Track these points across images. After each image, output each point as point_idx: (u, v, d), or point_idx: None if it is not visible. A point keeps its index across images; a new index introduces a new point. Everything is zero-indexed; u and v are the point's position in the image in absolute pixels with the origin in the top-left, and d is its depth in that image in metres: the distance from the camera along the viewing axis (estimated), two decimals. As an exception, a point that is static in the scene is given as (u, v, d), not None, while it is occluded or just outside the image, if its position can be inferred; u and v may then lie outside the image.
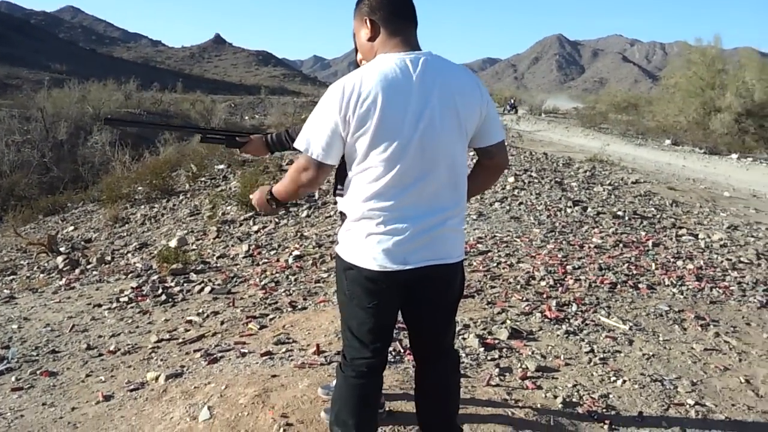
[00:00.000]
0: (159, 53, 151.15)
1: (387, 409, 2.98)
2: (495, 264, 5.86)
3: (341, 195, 2.75)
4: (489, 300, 4.90)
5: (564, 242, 6.73)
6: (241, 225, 8.97)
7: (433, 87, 2.15)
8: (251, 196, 2.51)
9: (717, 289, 5.43)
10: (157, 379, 3.78)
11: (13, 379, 4.13)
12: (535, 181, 10.37)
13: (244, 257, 6.79)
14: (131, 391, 3.68)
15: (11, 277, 8.18)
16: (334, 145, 2.15)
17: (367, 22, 2.24)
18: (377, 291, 2.23)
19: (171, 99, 41.68)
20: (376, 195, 2.17)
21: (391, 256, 2.18)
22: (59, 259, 8.47)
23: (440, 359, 2.46)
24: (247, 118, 36.83)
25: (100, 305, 5.50)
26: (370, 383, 2.37)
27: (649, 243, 6.87)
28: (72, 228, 11.54)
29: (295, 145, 2.22)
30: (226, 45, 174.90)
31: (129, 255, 8.35)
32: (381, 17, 2.22)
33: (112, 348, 4.48)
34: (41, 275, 7.87)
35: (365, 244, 2.20)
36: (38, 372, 4.20)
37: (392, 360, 3.74)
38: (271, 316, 4.80)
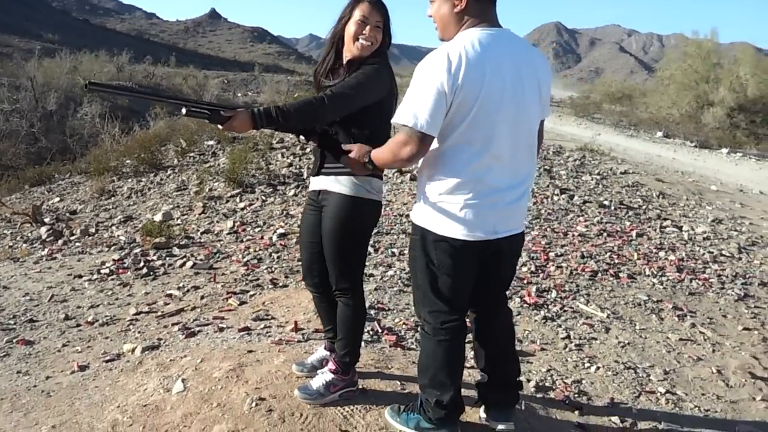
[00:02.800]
0: (153, 26, 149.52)
1: (360, 387, 2.99)
2: (478, 248, 5.87)
3: (332, 173, 2.75)
4: (470, 284, 4.92)
5: (548, 229, 6.75)
6: (227, 202, 8.93)
7: (521, 63, 2.28)
8: (351, 149, 2.54)
9: (697, 280, 5.47)
10: (133, 351, 3.78)
11: (-11, 346, 4.12)
12: (524, 167, 10.36)
13: (228, 234, 6.77)
14: (107, 362, 3.69)
15: (-6, 245, 8.12)
16: (438, 115, 2.18)
17: None
18: (467, 259, 2.38)
19: (164, 73, 41.23)
20: (475, 168, 2.26)
21: (485, 227, 2.32)
22: (43, 229, 8.42)
23: (503, 308, 2.70)
24: (240, 94, 36.61)
25: (80, 276, 5.48)
26: (462, 340, 2.55)
27: (633, 233, 6.90)
28: (58, 199, 11.46)
29: (397, 119, 2.23)
30: (221, 20, 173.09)
31: (113, 228, 8.31)
32: None
33: (90, 319, 4.47)
34: (24, 245, 7.82)
35: (460, 216, 2.30)
36: (15, 341, 4.19)
37: (369, 339, 3.75)
38: (251, 293, 4.80)
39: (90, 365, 3.68)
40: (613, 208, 8.09)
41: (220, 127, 2.53)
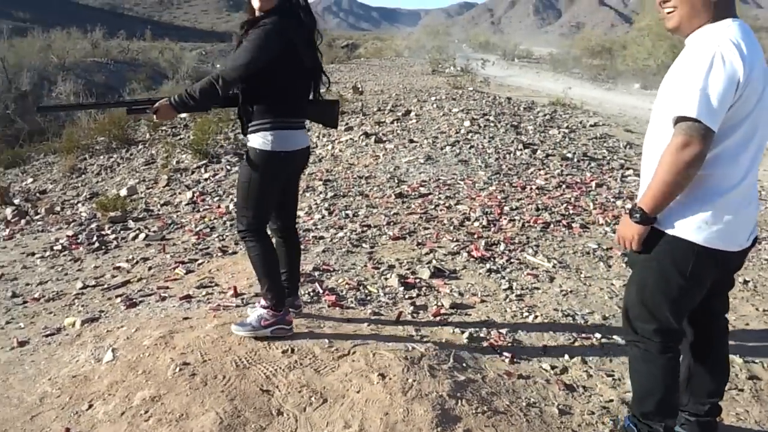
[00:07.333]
0: (126, 0, 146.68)
1: (288, 347, 3.00)
2: (433, 206, 5.87)
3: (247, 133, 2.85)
4: (419, 241, 4.92)
5: (507, 184, 6.74)
6: (192, 173, 8.89)
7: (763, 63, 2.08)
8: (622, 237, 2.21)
9: (650, 227, 5.47)
10: (74, 324, 3.76)
11: (-69, 329, 4.08)
12: (492, 125, 10.30)
13: (186, 204, 6.73)
14: (46, 336, 3.67)
15: (-41, 230, 8.04)
16: (724, 109, 1.93)
17: None
18: (715, 271, 2.17)
19: (139, 47, 40.47)
20: (751, 171, 2.09)
21: (742, 236, 2.16)
22: (8, 210, 8.33)
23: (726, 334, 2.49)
24: (218, 65, 36.07)
25: (33, 254, 5.44)
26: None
27: (593, 184, 6.90)
28: (31, 180, 11.34)
29: (681, 112, 1.93)
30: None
31: (78, 205, 8.25)
32: None
33: (36, 295, 4.43)
34: (-12, 227, 7.76)
35: (732, 225, 2.08)
36: (-42, 321, 4.15)
37: (308, 300, 3.76)
38: (199, 261, 4.77)
39: (30, 340, 3.66)
40: (576, 160, 8.08)
41: (154, 117, 2.92)
